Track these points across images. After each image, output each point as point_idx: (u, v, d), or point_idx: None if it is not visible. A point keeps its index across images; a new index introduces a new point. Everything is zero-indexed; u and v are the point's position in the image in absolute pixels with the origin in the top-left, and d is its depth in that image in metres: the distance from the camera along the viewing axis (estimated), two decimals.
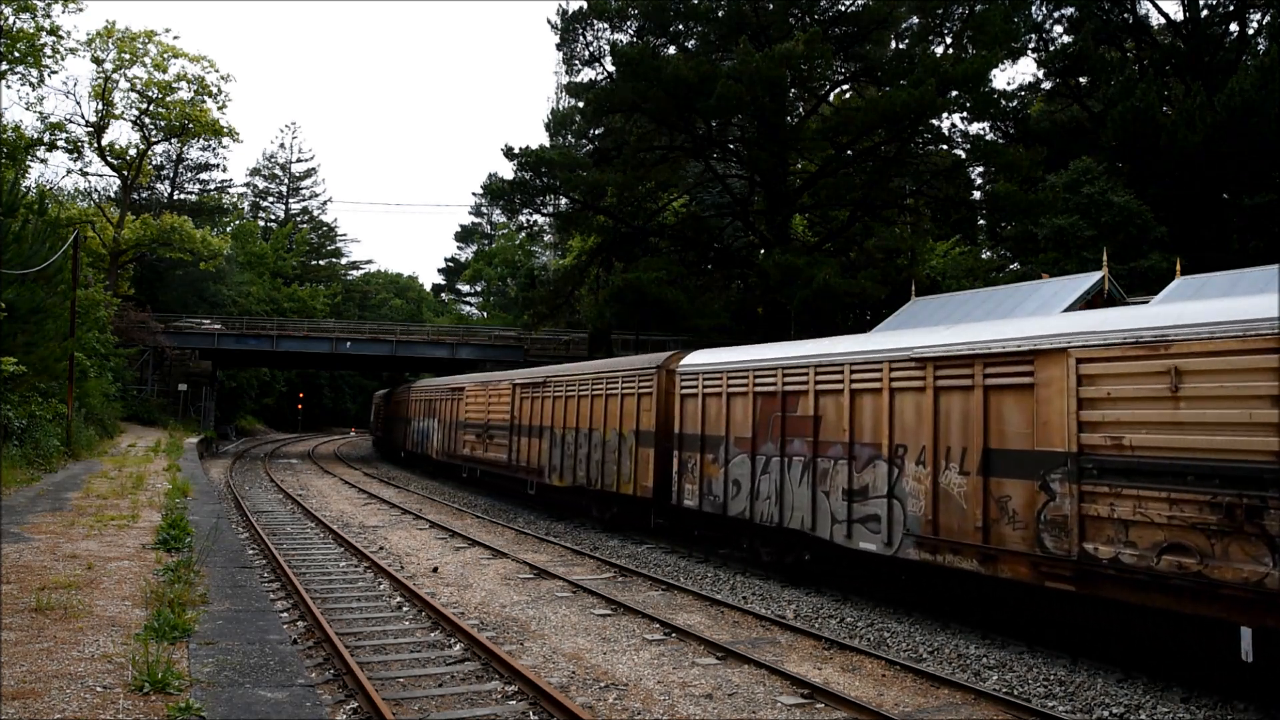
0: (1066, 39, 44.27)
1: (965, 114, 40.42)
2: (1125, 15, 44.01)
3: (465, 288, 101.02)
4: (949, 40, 40.74)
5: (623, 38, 41.11)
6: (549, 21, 63.04)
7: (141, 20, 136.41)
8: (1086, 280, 22.10)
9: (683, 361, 16.54)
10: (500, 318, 76.22)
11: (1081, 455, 8.93)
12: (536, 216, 47.68)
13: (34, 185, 36.22)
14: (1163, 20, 44.17)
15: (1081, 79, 42.95)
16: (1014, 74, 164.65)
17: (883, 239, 40.76)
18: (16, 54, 35.00)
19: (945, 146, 39.27)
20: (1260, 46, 38.69)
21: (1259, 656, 7.75)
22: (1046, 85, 45.98)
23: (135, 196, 57.57)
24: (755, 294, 41.99)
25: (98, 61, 43.09)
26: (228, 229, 67.28)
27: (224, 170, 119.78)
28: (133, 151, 47.57)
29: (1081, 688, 8.56)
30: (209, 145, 64.87)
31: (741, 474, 14.18)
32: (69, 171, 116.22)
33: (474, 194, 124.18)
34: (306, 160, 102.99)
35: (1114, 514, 8.59)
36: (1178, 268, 22.94)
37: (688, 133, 38.51)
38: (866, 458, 11.81)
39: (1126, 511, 8.49)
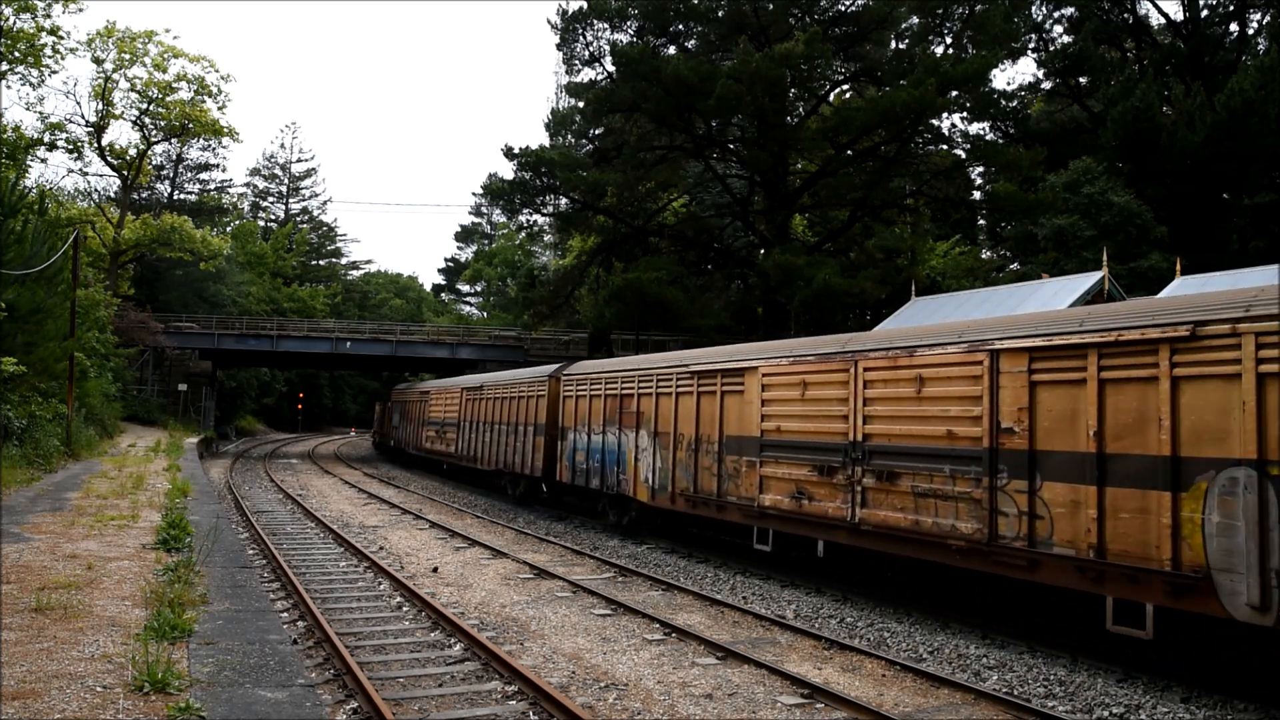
0: (1066, 39, 44.35)
1: (965, 114, 40.51)
2: (1125, 15, 44.06)
3: (465, 288, 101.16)
4: (949, 40, 40.78)
5: (623, 38, 41.19)
6: (549, 21, 63.14)
7: (141, 20, 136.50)
8: (1086, 280, 22.12)
9: None
10: (500, 318, 76.26)
11: None
12: (536, 216, 47.83)
13: (34, 185, 36.22)
14: (1163, 20, 44.27)
15: (1081, 79, 42.98)
16: (1014, 74, 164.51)
17: (883, 239, 40.79)
18: (17, 54, 35.00)
19: (945, 146, 39.32)
20: (1260, 46, 38.73)
21: None
22: (1046, 85, 46.03)
23: (135, 196, 57.58)
24: (755, 294, 42.02)
25: (98, 61, 43.11)
26: (228, 229, 67.30)
27: (224, 170, 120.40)
28: (133, 151, 47.59)
29: (1081, 688, 8.55)
30: (209, 145, 65.00)
31: None
32: (69, 171, 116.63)
33: (474, 194, 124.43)
34: (306, 160, 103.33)
35: None
36: (1178, 268, 22.99)
37: (688, 133, 38.53)
38: None
39: None
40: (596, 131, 44.44)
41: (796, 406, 12.94)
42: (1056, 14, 44.83)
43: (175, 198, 69.99)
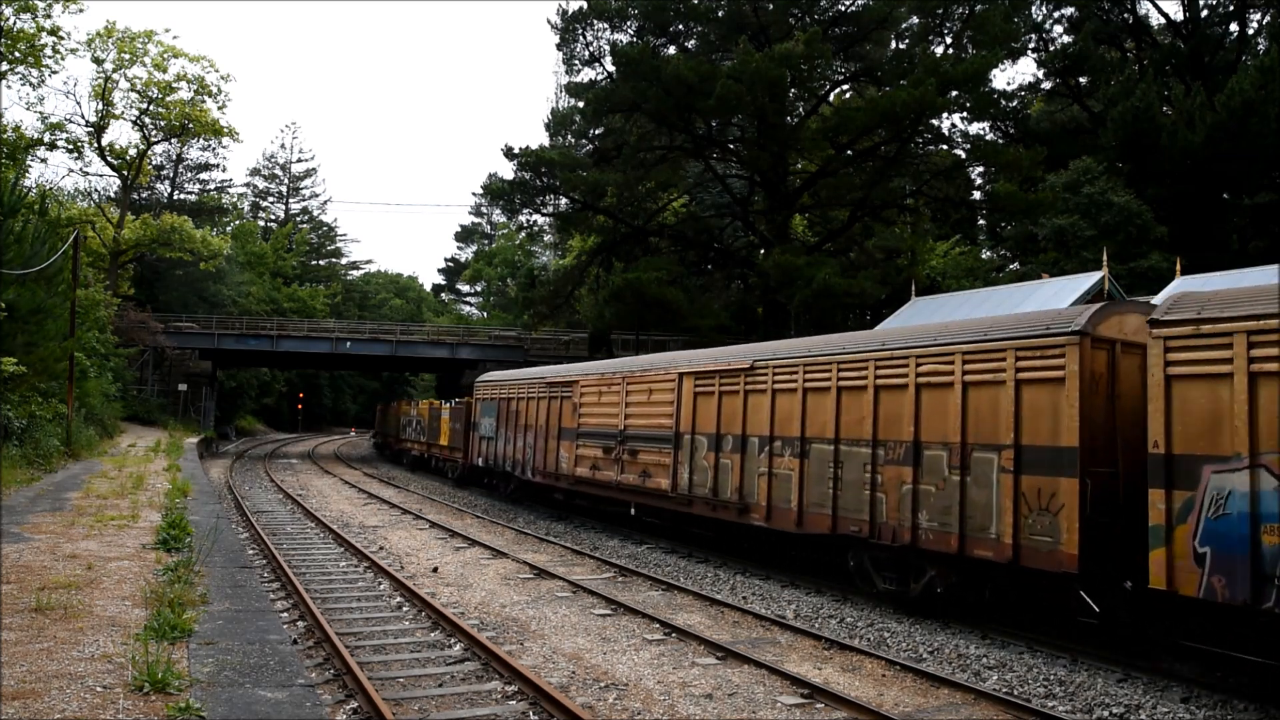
0: (1066, 39, 44.37)
1: (965, 114, 40.50)
2: (1125, 15, 44.08)
3: (465, 288, 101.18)
4: (949, 40, 40.81)
5: (623, 38, 41.21)
6: (549, 21, 63.18)
7: (141, 20, 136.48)
8: (1086, 280, 22.11)
9: None
10: (500, 318, 76.25)
11: None
12: (536, 216, 47.82)
13: (34, 185, 36.20)
14: (1163, 20, 44.29)
15: (1081, 79, 42.99)
16: (1014, 74, 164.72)
17: (883, 239, 40.80)
18: (17, 54, 35.00)
19: (945, 146, 39.32)
20: (1260, 46, 38.74)
21: None
22: (1046, 85, 46.05)
23: (135, 196, 57.60)
24: (755, 294, 42.04)
25: (98, 61, 43.11)
26: (228, 229, 67.32)
27: (224, 170, 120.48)
28: (133, 151, 47.58)
29: (1081, 688, 8.56)
30: (209, 145, 64.99)
31: None
32: (69, 171, 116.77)
33: (474, 194, 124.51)
34: (306, 160, 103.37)
35: None
36: (1178, 268, 22.97)
37: (688, 133, 38.53)
38: None
39: None
40: (596, 131, 44.45)
41: None
42: (1056, 14, 44.88)
43: (175, 198, 70.02)
